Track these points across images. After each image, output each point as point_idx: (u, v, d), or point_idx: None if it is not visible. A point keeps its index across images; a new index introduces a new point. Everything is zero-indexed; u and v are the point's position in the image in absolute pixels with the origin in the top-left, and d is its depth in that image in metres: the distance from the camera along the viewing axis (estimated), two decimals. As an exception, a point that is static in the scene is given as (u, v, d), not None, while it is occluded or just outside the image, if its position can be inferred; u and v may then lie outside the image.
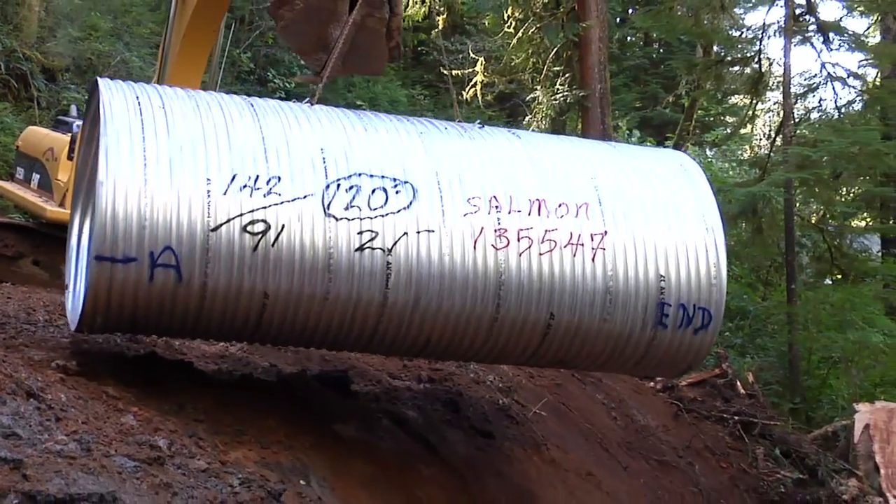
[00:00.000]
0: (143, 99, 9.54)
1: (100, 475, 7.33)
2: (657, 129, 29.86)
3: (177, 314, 9.17)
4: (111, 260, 8.57)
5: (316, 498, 9.42)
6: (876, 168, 23.69)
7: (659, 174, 11.26)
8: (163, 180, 8.79)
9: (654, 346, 10.66)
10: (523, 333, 10.27)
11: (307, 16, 11.38)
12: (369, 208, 9.39)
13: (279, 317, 9.40)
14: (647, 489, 14.23)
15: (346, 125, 10.37)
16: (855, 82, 26.86)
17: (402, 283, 9.48)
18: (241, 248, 8.91)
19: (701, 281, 10.53)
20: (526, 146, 11.23)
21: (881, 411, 16.92)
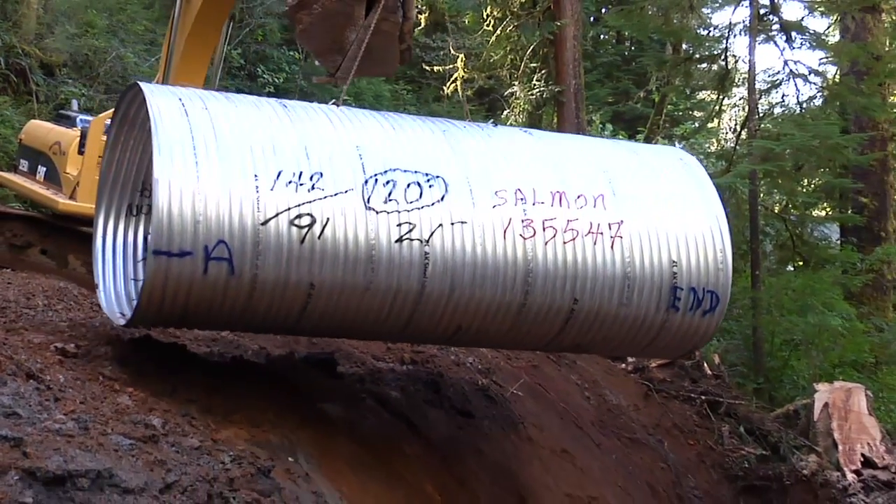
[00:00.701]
0: (186, 101, 9.53)
1: (97, 453, 7.31)
2: (629, 124, 29.89)
3: (226, 307, 9.15)
4: (167, 254, 8.55)
5: (303, 474, 9.42)
6: (835, 160, 23.79)
7: (662, 167, 11.42)
8: (214, 178, 8.78)
9: (665, 328, 10.77)
10: (547, 319, 10.34)
11: (325, 19, 11.40)
12: (406, 201, 9.41)
13: (322, 308, 9.40)
14: (618, 465, 14.28)
15: (375, 124, 10.43)
16: (816, 79, 26.93)
17: (438, 272, 9.52)
18: (290, 241, 8.91)
19: (709, 266, 10.65)
20: (539, 142, 11.37)
21: (839, 391, 17.00)
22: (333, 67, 11.75)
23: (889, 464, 16.46)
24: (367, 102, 25.89)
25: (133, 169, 10.86)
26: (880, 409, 18.54)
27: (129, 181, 10.89)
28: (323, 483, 9.57)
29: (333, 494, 9.54)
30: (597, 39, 35.70)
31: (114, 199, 10.88)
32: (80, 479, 6.86)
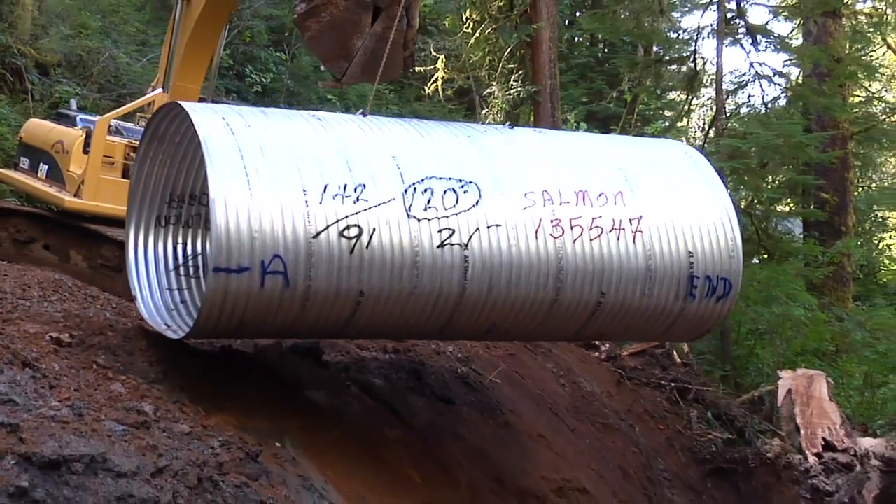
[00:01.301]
0: (229, 119, 9.53)
1: (91, 438, 7.28)
2: (602, 122, 29.95)
3: (279, 317, 9.14)
4: (226, 271, 8.53)
5: (290, 458, 9.41)
6: (798, 158, 23.90)
7: (670, 161, 11.55)
8: (265, 194, 8.76)
9: (683, 315, 10.91)
10: (576, 313, 10.43)
11: (333, 27, 11.47)
12: (444, 208, 9.46)
13: (369, 313, 9.42)
14: (592, 449, 14.31)
15: (405, 133, 10.50)
16: (780, 80, 27.07)
17: (477, 274, 9.57)
18: (340, 251, 8.91)
19: (722, 253, 10.78)
20: (555, 142, 11.52)
21: (802, 378, 17.08)
22: (339, 73, 11.84)
23: (848, 447, 16.55)
24: (351, 101, 25.84)
25: (161, 182, 10.80)
26: (840, 395, 18.64)
27: (157, 194, 10.82)
28: (309, 467, 9.56)
29: (319, 478, 9.54)
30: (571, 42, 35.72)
31: (143, 212, 10.81)
32: (75, 464, 6.84)
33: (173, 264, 10.86)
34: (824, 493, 16.03)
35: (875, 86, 34.93)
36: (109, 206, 13.10)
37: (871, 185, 36.08)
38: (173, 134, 10.44)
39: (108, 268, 12.87)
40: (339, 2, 11.33)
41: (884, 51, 36.03)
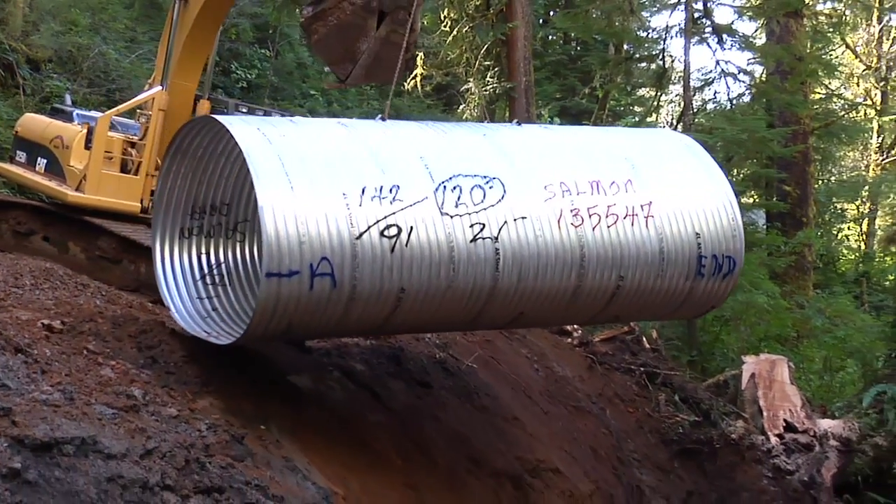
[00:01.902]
0: (265, 130, 9.54)
1: (81, 421, 7.25)
2: (575, 118, 29.96)
3: (325, 318, 9.13)
4: (278, 275, 8.51)
5: (274, 441, 9.40)
6: (762, 152, 24.02)
7: (669, 149, 11.68)
8: (309, 199, 8.75)
9: (692, 293, 11.04)
10: (597, 298, 10.51)
11: (340, 31, 11.51)
12: (473, 204, 9.48)
13: (408, 309, 9.43)
14: (564, 431, 14.35)
15: (427, 134, 10.56)
16: (744, 78, 27.23)
17: (508, 265, 9.61)
18: (382, 251, 8.92)
19: (726, 233, 10.89)
20: (562, 137, 11.61)
21: (764, 362, 17.19)
22: (344, 75, 11.88)
23: (808, 428, 16.68)
24: (333, 96, 25.75)
25: (184, 195, 10.76)
26: (801, 379, 18.79)
27: (179, 207, 10.77)
28: (293, 449, 9.55)
29: (303, 459, 9.53)
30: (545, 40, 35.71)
31: (167, 224, 10.76)
32: (66, 446, 6.81)
33: (199, 274, 10.86)
34: (785, 471, 16.16)
35: (834, 83, 35.14)
36: (111, 200, 13.05)
37: (831, 179, 36.30)
38: (196, 148, 10.44)
39: (105, 259, 12.82)
40: (346, 6, 11.39)
41: (842, 50, 36.31)
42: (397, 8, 11.43)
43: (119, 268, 12.65)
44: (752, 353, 17.90)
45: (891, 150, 35.23)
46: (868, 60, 37.24)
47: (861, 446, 16.81)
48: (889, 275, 27.66)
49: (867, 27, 37.26)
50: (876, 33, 36.76)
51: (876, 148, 36.92)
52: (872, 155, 37.31)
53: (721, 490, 15.87)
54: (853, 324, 22.88)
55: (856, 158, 39.97)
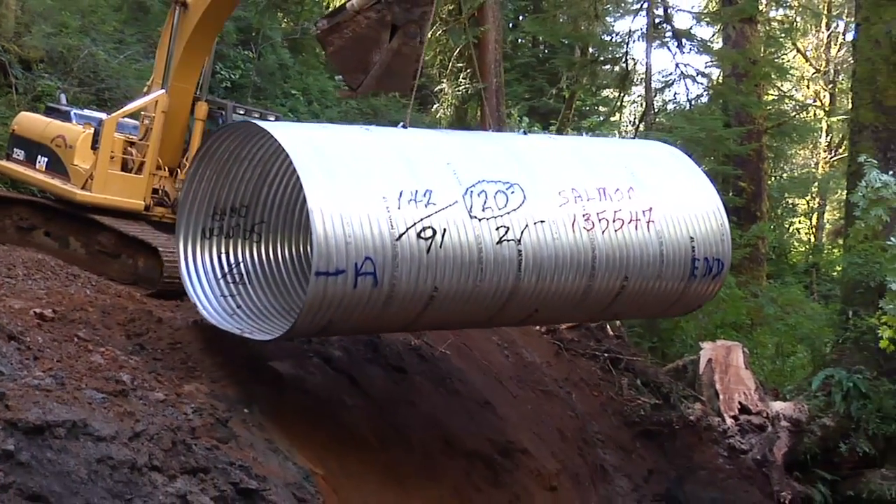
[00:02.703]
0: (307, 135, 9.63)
1: (72, 405, 7.22)
2: (543, 117, 30.01)
3: (363, 315, 9.14)
4: (325, 274, 8.50)
5: (257, 423, 9.38)
6: (719, 150, 24.13)
7: (660, 158, 11.84)
8: (353, 202, 8.75)
9: (685, 293, 11.22)
10: (603, 297, 10.64)
11: (354, 43, 11.52)
12: (497, 208, 9.56)
13: (438, 307, 9.46)
14: (533, 414, 14.38)
15: (449, 141, 10.73)
16: (702, 80, 27.36)
17: (529, 266, 9.69)
18: (419, 251, 8.96)
19: (715, 237, 11.08)
20: (566, 146, 11.73)
21: (721, 348, 17.27)
22: (356, 84, 11.91)
23: (761, 410, 16.78)
24: (314, 96, 25.64)
25: (206, 197, 10.72)
26: (755, 364, 18.89)
27: (202, 208, 10.73)
28: (275, 431, 9.53)
29: (284, 441, 9.51)
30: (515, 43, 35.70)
31: (191, 225, 10.71)
32: (58, 429, 6.77)
33: (220, 273, 10.84)
34: (740, 451, 16.25)
35: (786, 85, 35.36)
36: (117, 198, 12.98)
37: (783, 175, 36.50)
38: (222, 152, 10.41)
39: (104, 254, 12.74)
40: (361, 20, 11.41)
41: (794, 54, 36.52)
42: (408, 22, 11.48)
43: (118, 262, 12.58)
44: (709, 340, 17.98)
45: (838, 148, 35.50)
46: (817, 64, 37.53)
47: (810, 427, 16.93)
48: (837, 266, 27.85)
49: (817, 33, 37.55)
50: (825, 39, 37.07)
51: (825, 146, 37.24)
52: (821, 153, 37.62)
53: (680, 468, 15.93)
54: (803, 312, 23.06)
55: (806, 156, 40.25)
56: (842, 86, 34.73)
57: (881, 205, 12.54)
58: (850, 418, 17.01)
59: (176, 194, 13.51)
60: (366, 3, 11.35)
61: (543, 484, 12.95)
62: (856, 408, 17.01)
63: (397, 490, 10.48)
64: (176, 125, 13.44)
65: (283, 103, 23.53)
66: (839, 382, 17.35)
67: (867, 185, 12.54)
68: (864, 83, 19.70)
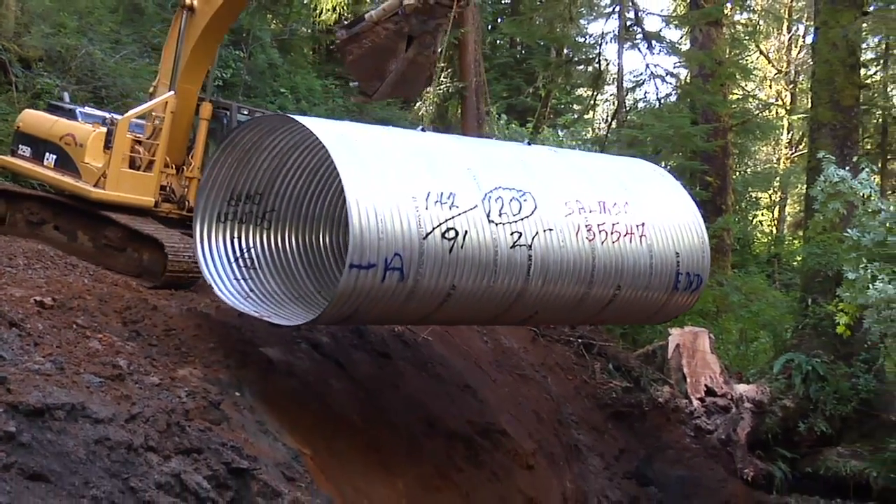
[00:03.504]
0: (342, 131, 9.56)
1: (71, 389, 7.19)
2: (520, 114, 29.94)
3: (385, 308, 9.13)
4: (358, 267, 8.45)
5: (248, 406, 9.37)
6: (686, 146, 24.21)
7: (647, 175, 11.92)
8: (386, 199, 8.72)
9: (667, 304, 11.33)
10: (597, 304, 10.69)
11: (372, 52, 11.55)
12: (512, 214, 9.58)
13: (452, 305, 9.46)
14: (510, 396, 14.41)
15: (466, 147, 10.69)
16: (671, 79, 27.46)
17: (537, 271, 9.73)
18: (442, 250, 8.96)
19: (697, 253, 11.21)
20: (567, 159, 11.75)
21: (688, 334, 17.38)
22: (372, 91, 12.00)
23: (726, 392, 16.91)
24: (302, 94, 25.49)
25: (225, 184, 10.66)
26: (720, 349, 19.00)
27: (220, 193, 10.67)
28: (265, 413, 9.52)
29: (274, 423, 9.50)
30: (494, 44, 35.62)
31: (208, 208, 10.67)
32: (57, 411, 6.74)
33: (233, 256, 10.81)
34: (706, 431, 16.38)
35: (750, 85, 35.47)
36: (129, 195, 12.91)
37: (747, 170, 36.61)
38: (245, 142, 10.36)
39: (111, 247, 12.66)
40: (380, 31, 11.44)
41: (757, 55, 36.64)
42: (424, 33, 11.51)
43: (124, 255, 12.51)
44: (677, 326, 18.08)
45: (799, 145, 35.63)
46: (779, 65, 37.64)
47: (771, 408, 17.10)
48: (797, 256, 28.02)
49: (778, 36, 37.66)
50: (786, 41, 37.18)
51: (786, 143, 37.37)
52: (783, 149, 37.76)
53: (649, 448, 16.04)
54: (765, 299, 23.19)
55: (768, 152, 40.38)
56: (802, 86, 34.86)
57: (838, 199, 12.62)
58: (808, 400, 17.18)
59: (182, 191, 13.51)
60: (384, 15, 11.39)
61: (521, 463, 13.00)
62: (814, 390, 17.18)
63: (382, 469, 10.50)
64: (181, 125, 13.38)
65: (272, 101, 23.38)
66: (799, 366, 17.51)
67: (825, 180, 12.61)
68: (822, 84, 19.83)
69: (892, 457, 15.79)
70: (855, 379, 17.19)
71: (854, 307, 12.63)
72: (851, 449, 16.75)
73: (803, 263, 21.27)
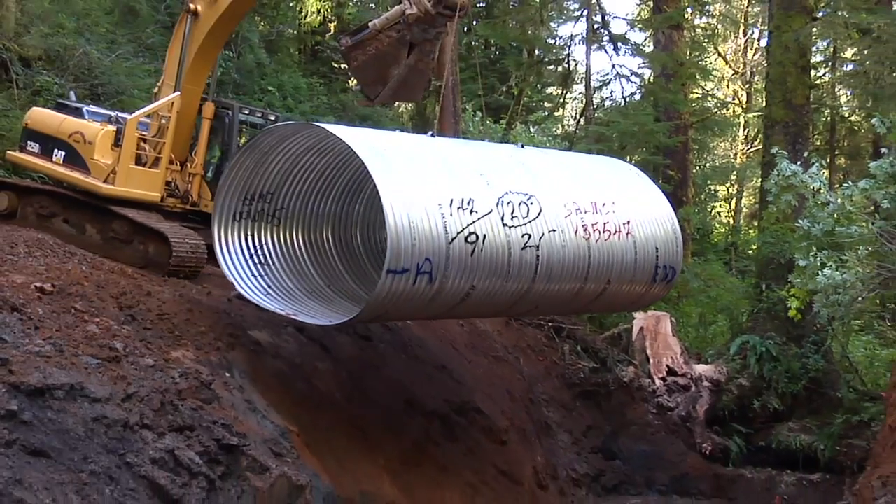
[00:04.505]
0: (370, 138, 9.54)
1: (70, 370, 7.17)
2: (494, 112, 29.94)
3: (410, 307, 9.15)
4: (394, 272, 8.43)
5: (238, 386, 9.37)
6: (650, 142, 24.25)
7: (626, 175, 11.99)
8: (417, 206, 8.70)
9: (645, 295, 11.49)
10: (589, 297, 10.77)
11: (376, 59, 11.56)
12: (522, 217, 9.60)
13: (469, 303, 9.48)
14: (485, 377, 14.46)
15: (473, 151, 10.72)
16: (636, 79, 27.46)
17: (543, 270, 9.77)
18: (465, 254, 8.96)
19: (672, 248, 11.28)
20: (558, 160, 11.88)
21: (651, 318, 17.46)
22: (374, 95, 11.98)
23: (686, 372, 17.02)
24: (288, 92, 25.37)
25: (242, 184, 10.60)
26: (681, 331, 19.11)
27: (236, 193, 10.61)
28: (253, 393, 9.52)
29: (262, 402, 9.51)
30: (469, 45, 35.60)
31: (225, 207, 10.60)
32: (57, 391, 6.73)
33: (248, 254, 10.76)
34: (667, 408, 16.50)
35: (709, 85, 35.59)
36: (138, 191, 12.85)
37: (706, 165, 36.75)
38: (265, 145, 10.32)
39: (118, 240, 12.59)
40: (384, 38, 11.45)
41: (715, 57, 36.76)
42: (425, 41, 11.56)
43: (130, 247, 12.45)
44: (641, 311, 18.17)
45: (754, 141, 35.78)
46: (736, 66, 37.78)
47: (728, 387, 17.23)
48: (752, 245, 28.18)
49: (735, 39, 37.77)
50: (742, 44, 37.30)
51: (742, 139, 37.53)
52: (739, 145, 37.92)
53: (614, 424, 16.15)
54: (723, 285, 23.27)
55: (726, 148, 40.53)
56: (757, 86, 34.99)
57: (791, 191, 12.70)
58: (762, 379, 17.32)
59: (186, 186, 13.46)
60: (387, 24, 11.42)
61: (494, 439, 13.06)
62: (767, 369, 17.32)
63: (364, 445, 10.53)
64: (185, 123, 13.33)
65: (260, 98, 23.27)
66: (753, 347, 17.64)
67: (779, 174, 12.68)
68: (775, 84, 19.94)
69: (838, 431, 15.97)
70: (805, 359, 17.34)
71: (804, 292, 12.73)
72: (801, 424, 16.90)
73: (758, 252, 21.40)
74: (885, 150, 12.35)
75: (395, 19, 11.38)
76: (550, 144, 24.24)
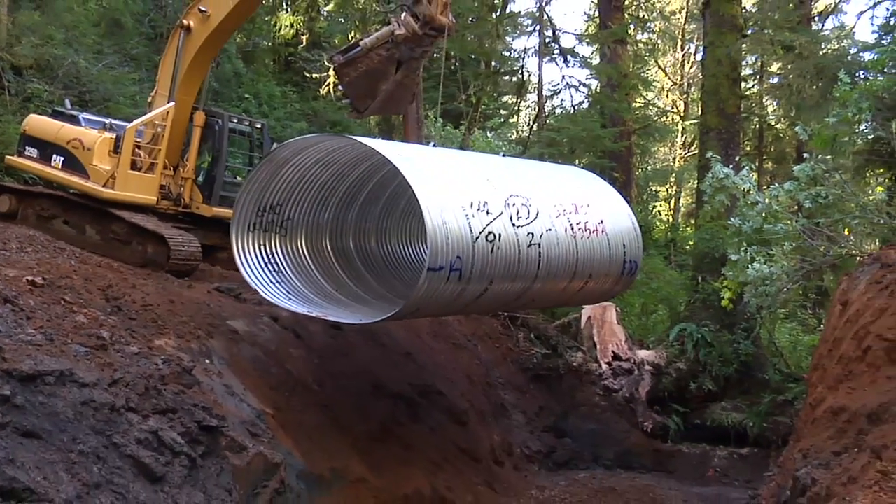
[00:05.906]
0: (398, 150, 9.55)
1: (60, 357, 7.10)
2: (454, 118, 30.01)
3: (440, 303, 9.10)
4: (431, 270, 8.41)
5: (217, 372, 9.34)
6: (597, 147, 24.44)
7: (592, 181, 12.12)
8: (448, 208, 8.69)
9: (612, 288, 11.62)
10: (572, 291, 10.83)
11: (367, 75, 11.55)
12: (524, 218, 9.64)
13: (484, 299, 9.45)
14: (446, 362, 14.52)
15: (476, 160, 10.81)
16: (584, 89, 27.70)
17: (544, 266, 9.83)
18: (486, 252, 8.97)
19: (634, 243, 11.43)
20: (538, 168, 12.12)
21: (598, 308, 17.56)
22: (363, 108, 11.99)
23: (630, 357, 17.18)
24: (264, 99, 25.23)
25: (257, 196, 10.45)
26: (625, 320, 19.25)
27: (252, 205, 10.47)
28: (231, 379, 9.50)
29: (240, 386, 9.48)
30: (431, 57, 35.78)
31: (242, 219, 10.45)
32: (48, 377, 6.67)
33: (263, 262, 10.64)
34: (612, 390, 16.64)
35: (650, 95, 35.92)
36: (135, 195, 12.72)
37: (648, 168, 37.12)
38: (280, 158, 10.22)
39: (117, 240, 12.44)
40: (374, 56, 11.44)
41: (656, 70, 37.13)
42: (411, 59, 11.57)
43: (129, 248, 12.31)
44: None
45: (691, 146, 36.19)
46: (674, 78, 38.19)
47: (667, 370, 17.40)
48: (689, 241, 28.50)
49: (674, 53, 38.18)
50: (680, 58, 37.69)
51: (680, 145, 37.94)
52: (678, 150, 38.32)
53: (565, 405, 16.27)
54: (663, 278, 23.49)
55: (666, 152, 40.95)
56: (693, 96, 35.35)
57: (724, 192, 12.85)
58: (698, 363, 17.52)
59: (178, 189, 13.34)
60: (377, 43, 11.42)
61: (455, 419, 13.13)
62: (703, 354, 17.52)
63: (334, 425, 10.54)
64: (178, 131, 13.23)
65: (237, 105, 23.11)
66: (690, 334, 17.84)
67: (713, 176, 12.84)
68: (710, 94, 20.18)
69: (765, 409, 16.21)
70: (736, 345, 17.56)
71: (736, 284, 12.89)
72: (733, 403, 17.12)
73: (694, 247, 21.65)
74: (807, 155, 12.54)
75: (385, 39, 11.40)
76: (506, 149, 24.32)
